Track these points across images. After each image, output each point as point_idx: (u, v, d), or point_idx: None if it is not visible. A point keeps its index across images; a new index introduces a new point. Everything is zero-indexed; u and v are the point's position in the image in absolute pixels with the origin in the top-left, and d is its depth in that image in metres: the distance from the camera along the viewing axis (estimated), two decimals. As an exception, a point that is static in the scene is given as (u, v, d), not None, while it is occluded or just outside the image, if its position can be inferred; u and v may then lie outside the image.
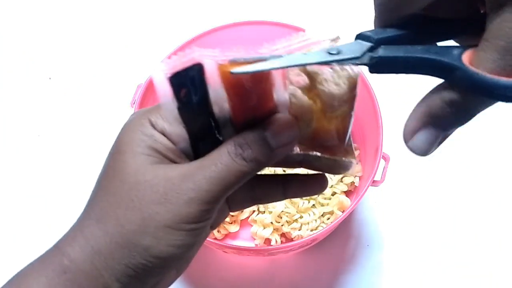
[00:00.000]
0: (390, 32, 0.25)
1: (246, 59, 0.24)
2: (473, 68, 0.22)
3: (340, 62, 0.24)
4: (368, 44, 0.25)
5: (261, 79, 0.26)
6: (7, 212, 0.60)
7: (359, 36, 0.25)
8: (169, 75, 0.24)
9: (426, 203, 0.59)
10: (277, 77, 0.26)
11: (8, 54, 0.74)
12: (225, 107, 0.27)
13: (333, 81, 0.27)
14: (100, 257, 0.26)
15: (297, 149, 0.31)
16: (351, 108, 0.28)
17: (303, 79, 0.27)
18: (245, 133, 0.27)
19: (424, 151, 0.26)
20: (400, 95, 0.66)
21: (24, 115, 0.68)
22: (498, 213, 0.58)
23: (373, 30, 0.26)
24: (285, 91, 0.27)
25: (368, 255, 0.56)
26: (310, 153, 0.31)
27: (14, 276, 0.26)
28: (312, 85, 0.27)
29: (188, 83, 0.25)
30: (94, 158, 0.63)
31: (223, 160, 0.26)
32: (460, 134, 0.68)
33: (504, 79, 0.21)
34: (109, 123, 0.65)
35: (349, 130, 0.30)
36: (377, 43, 0.24)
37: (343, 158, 0.31)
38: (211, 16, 0.75)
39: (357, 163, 0.56)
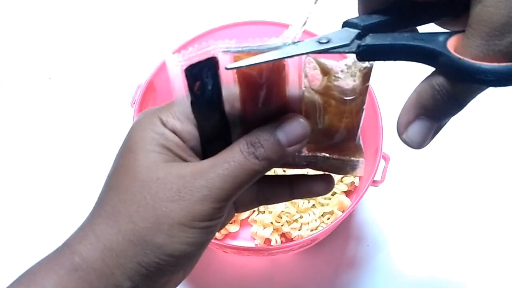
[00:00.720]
0: (375, 18, 0.26)
1: (251, 50, 0.24)
2: (456, 54, 0.22)
3: (331, 50, 0.25)
4: (355, 31, 0.25)
5: (275, 73, 0.26)
6: (8, 212, 0.60)
7: (346, 24, 0.26)
8: (185, 67, 0.24)
9: (427, 203, 0.59)
10: (292, 72, 0.26)
11: (8, 54, 0.74)
12: (236, 105, 0.27)
13: (349, 73, 0.27)
14: (112, 255, 0.25)
15: (305, 151, 0.30)
16: (363, 101, 0.28)
17: (318, 74, 0.27)
18: (257, 131, 0.27)
19: (418, 143, 0.26)
20: (400, 96, 0.65)
21: (24, 115, 0.68)
22: (502, 213, 0.58)
23: (358, 17, 0.26)
24: (299, 89, 0.27)
25: (368, 255, 0.56)
26: (318, 154, 0.30)
27: (23, 274, 0.26)
28: (327, 80, 0.27)
29: (203, 76, 0.25)
30: (95, 158, 0.63)
31: (235, 158, 0.26)
32: (461, 134, 0.68)
33: (486, 64, 0.22)
34: (109, 123, 0.65)
35: (360, 126, 0.30)
36: (364, 30, 0.25)
37: (352, 158, 0.30)
38: (211, 16, 0.75)
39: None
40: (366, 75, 0.27)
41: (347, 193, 0.57)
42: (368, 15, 0.26)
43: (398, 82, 0.63)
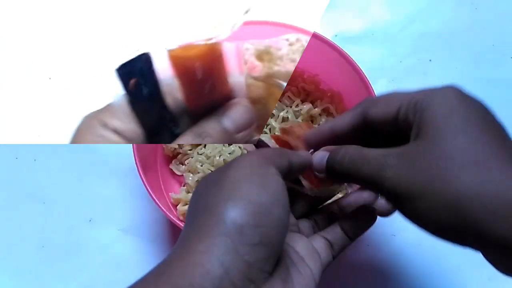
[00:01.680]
0: None
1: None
2: None
3: None
4: None
5: (214, 63, 0.26)
6: (8, 213, 0.60)
7: None
8: (116, 67, 0.24)
9: (426, 203, 0.59)
10: (231, 61, 0.26)
11: (8, 54, 0.74)
12: (178, 97, 0.27)
13: (288, 58, 0.26)
14: None
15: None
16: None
17: (256, 61, 0.27)
18: (203, 121, 0.27)
19: None
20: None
21: (24, 115, 0.68)
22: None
23: None
24: (241, 75, 0.27)
25: (368, 255, 0.56)
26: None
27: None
28: (267, 67, 0.27)
29: (136, 73, 0.25)
30: (94, 158, 0.63)
31: None
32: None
33: None
34: (109, 123, 0.65)
35: None
36: None
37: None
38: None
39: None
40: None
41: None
42: None
43: (398, 83, 0.63)
